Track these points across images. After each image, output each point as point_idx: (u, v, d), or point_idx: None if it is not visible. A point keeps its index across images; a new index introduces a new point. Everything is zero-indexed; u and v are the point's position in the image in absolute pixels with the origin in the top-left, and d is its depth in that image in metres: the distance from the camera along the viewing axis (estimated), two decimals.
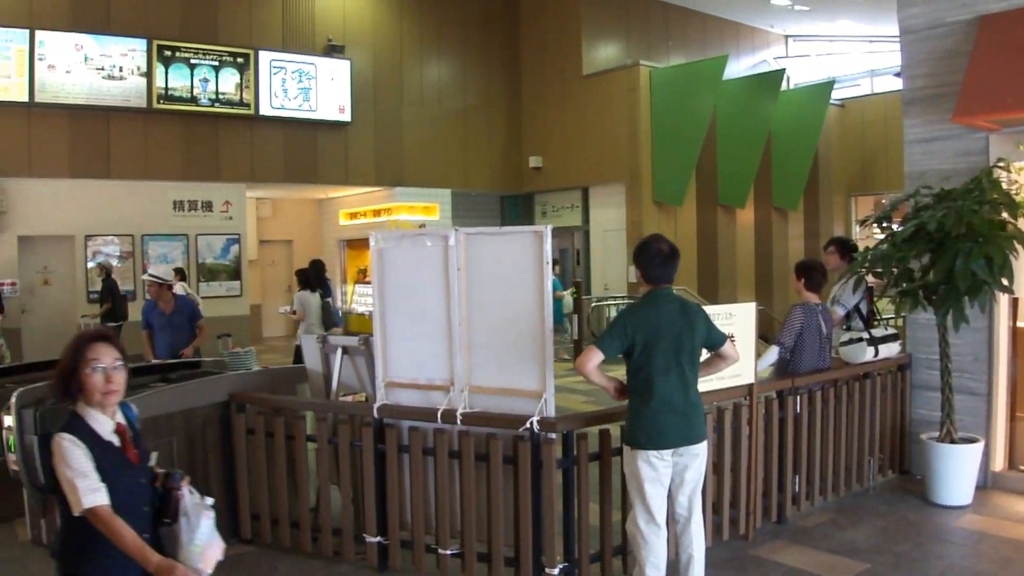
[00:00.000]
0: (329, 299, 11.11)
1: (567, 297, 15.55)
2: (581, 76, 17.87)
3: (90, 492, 2.78)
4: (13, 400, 5.37)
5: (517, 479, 4.73)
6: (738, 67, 20.23)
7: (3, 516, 6.24)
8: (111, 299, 13.43)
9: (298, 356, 9.03)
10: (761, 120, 17.06)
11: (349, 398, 5.57)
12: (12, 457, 5.42)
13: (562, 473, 4.77)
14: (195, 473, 5.42)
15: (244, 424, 5.61)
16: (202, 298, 13.56)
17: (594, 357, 4.22)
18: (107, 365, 2.94)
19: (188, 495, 3.07)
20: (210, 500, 3.17)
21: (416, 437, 5.04)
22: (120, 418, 3.07)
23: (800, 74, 22.20)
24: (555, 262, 13.95)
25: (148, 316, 8.16)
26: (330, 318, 10.53)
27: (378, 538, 5.19)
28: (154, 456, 3.15)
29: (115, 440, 2.98)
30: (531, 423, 4.60)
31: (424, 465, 5.07)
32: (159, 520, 3.03)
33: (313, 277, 10.74)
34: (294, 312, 10.56)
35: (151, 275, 8.19)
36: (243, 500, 5.69)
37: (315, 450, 5.51)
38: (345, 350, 5.68)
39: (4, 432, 5.51)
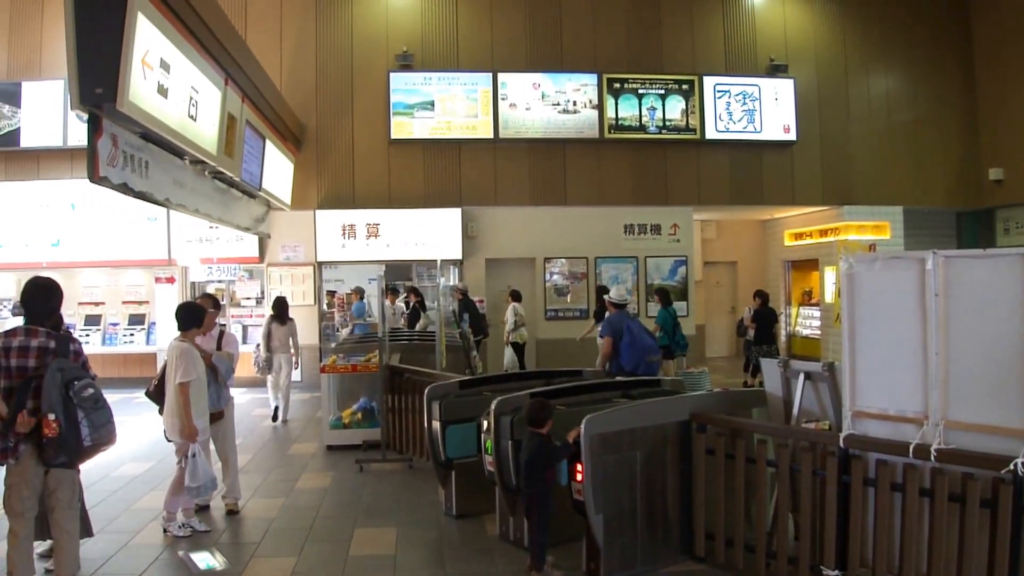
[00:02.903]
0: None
1: None
2: None
3: None
4: (492, 407, 6.05)
5: (995, 525, 4.34)
6: None
7: (476, 511, 7.06)
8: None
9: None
10: None
11: (811, 425, 5.47)
12: (488, 459, 6.13)
13: None
14: (654, 489, 5.69)
15: (704, 444, 5.76)
16: (649, 316, 14.12)
17: None
18: None
19: None
20: None
21: (884, 471, 4.81)
22: None
23: None
24: None
25: None
26: None
27: (836, 571, 5.05)
28: None
29: None
30: (1015, 465, 4.22)
31: (891, 501, 4.81)
32: None
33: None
34: None
35: (606, 297, 9.24)
36: (698, 518, 5.84)
37: (773, 475, 5.48)
38: (808, 376, 5.59)
39: (483, 436, 6.22)
